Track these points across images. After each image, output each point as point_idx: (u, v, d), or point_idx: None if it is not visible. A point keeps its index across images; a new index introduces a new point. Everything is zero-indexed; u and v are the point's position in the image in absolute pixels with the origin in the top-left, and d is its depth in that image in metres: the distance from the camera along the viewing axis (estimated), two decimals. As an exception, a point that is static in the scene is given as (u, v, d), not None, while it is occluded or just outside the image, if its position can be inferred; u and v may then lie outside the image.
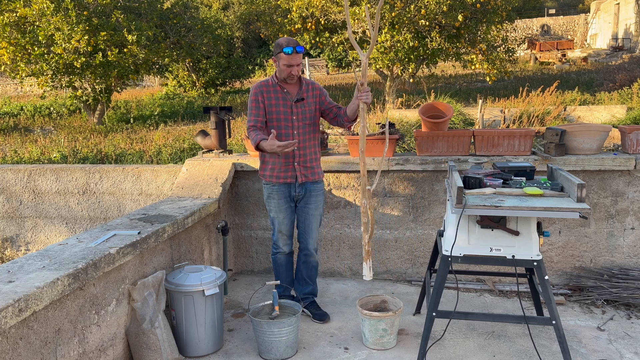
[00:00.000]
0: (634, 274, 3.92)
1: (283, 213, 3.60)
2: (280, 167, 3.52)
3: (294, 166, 3.51)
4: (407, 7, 13.50)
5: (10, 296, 2.10)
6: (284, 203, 3.59)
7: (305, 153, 3.53)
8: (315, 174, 3.59)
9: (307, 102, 3.51)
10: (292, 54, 3.32)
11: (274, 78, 3.51)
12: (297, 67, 3.39)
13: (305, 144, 3.53)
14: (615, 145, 5.73)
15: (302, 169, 3.53)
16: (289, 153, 3.47)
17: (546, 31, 35.00)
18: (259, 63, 31.90)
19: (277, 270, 3.77)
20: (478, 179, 2.99)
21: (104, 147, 9.12)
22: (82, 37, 12.37)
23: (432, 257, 3.57)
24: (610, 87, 16.88)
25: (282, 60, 3.36)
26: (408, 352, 3.19)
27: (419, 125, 8.29)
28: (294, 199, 3.62)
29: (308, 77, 16.49)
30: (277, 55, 3.38)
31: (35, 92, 23.21)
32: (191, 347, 3.22)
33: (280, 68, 3.40)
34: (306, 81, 3.56)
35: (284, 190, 3.56)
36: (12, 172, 5.24)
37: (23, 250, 5.37)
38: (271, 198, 3.60)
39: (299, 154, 3.51)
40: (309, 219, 3.62)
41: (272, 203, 3.61)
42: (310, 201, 3.60)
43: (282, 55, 3.34)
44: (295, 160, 3.51)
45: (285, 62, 3.35)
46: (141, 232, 3.07)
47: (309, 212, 3.61)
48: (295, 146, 3.21)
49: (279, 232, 3.66)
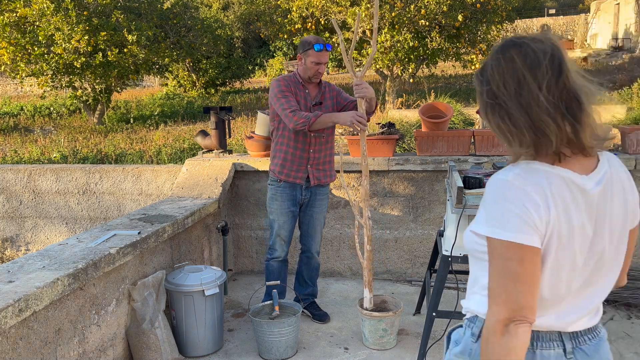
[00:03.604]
0: (634, 274, 3.92)
1: (285, 217, 3.50)
2: (292, 166, 3.42)
3: (307, 168, 3.44)
4: (407, 7, 13.50)
5: (10, 296, 2.10)
6: (288, 207, 3.48)
7: (320, 156, 3.47)
8: (327, 177, 3.53)
9: (325, 105, 3.46)
10: (322, 51, 3.27)
11: (296, 76, 3.43)
12: (324, 66, 3.35)
13: (321, 147, 3.46)
14: (616, 145, 5.73)
15: (315, 171, 3.46)
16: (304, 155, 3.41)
17: (546, 31, 34.96)
18: (259, 63, 31.89)
19: (269, 278, 3.62)
20: (478, 179, 2.99)
21: (104, 147, 9.12)
22: (82, 37, 12.36)
23: (432, 257, 3.57)
24: (611, 87, 16.89)
25: (310, 57, 3.30)
26: (408, 352, 3.19)
27: (419, 125, 8.29)
28: (299, 203, 3.53)
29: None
30: (305, 52, 3.31)
31: (35, 92, 23.20)
32: (191, 347, 3.22)
33: (306, 66, 3.33)
34: (324, 83, 3.51)
35: (289, 192, 3.46)
36: (12, 172, 5.24)
37: (23, 250, 5.37)
38: (274, 199, 3.50)
39: (313, 157, 3.44)
40: (314, 222, 3.58)
41: (275, 205, 3.50)
42: (316, 204, 3.55)
43: (311, 52, 3.28)
44: (309, 163, 3.44)
45: (314, 60, 3.29)
46: (141, 232, 3.07)
47: (314, 215, 3.56)
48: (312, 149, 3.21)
49: (277, 236, 3.53)
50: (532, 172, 1.21)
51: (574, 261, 1.23)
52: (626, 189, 1.29)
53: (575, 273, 1.25)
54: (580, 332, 1.31)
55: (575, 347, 1.29)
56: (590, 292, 1.29)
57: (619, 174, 1.29)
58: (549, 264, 1.22)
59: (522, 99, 1.20)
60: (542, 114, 1.18)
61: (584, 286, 1.27)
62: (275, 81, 3.40)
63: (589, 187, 1.22)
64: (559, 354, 1.28)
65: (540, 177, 1.20)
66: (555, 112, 1.18)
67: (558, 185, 1.20)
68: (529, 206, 1.17)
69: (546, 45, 1.24)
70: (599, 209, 1.23)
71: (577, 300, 1.28)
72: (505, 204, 1.19)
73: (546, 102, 1.18)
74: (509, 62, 1.23)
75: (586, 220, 1.22)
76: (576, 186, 1.21)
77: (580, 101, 1.19)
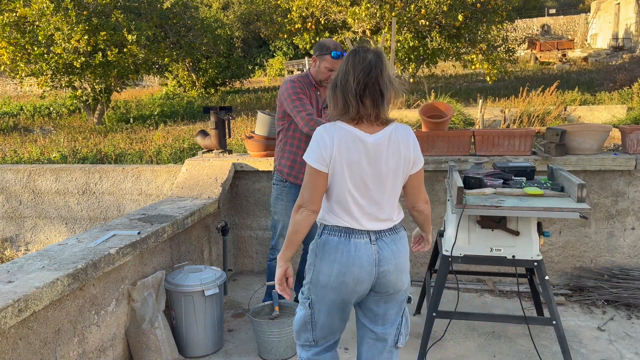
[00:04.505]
0: (635, 274, 3.92)
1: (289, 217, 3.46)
2: (301, 168, 3.34)
3: None
4: (407, 7, 13.50)
5: (10, 296, 2.10)
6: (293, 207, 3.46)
7: None
8: None
9: None
10: (339, 59, 3.23)
11: (309, 77, 3.38)
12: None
13: None
14: (616, 145, 5.72)
15: None
16: None
17: (546, 31, 34.99)
18: (259, 63, 31.89)
19: (270, 278, 3.53)
20: (478, 179, 2.99)
21: (103, 147, 9.12)
22: (81, 37, 12.36)
23: (432, 257, 3.57)
24: (611, 87, 16.87)
25: (325, 62, 3.25)
26: (408, 352, 3.19)
27: (419, 125, 8.28)
28: None
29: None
30: (321, 57, 3.26)
31: (35, 92, 23.20)
32: (191, 347, 3.22)
33: (319, 69, 3.29)
34: None
35: (294, 192, 3.38)
36: (11, 172, 5.24)
37: (23, 251, 5.36)
38: (280, 199, 3.45)
39: None
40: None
41: (280, 205, 3.45)
42: None
43: (327, 57, 3.24)
44: None
45: (329, 66, 3.25)
46: (141, 232, 3.06)
47: None
48: None
49: (281, 236, 3.48)
50: (332, 127, 2.02)
51: (354, 183, 2.01)
52: (401, 145, 2.03)
53: (358, 191, 2.02)
54: (382, 231, 2.08)
55: (378, 238, 2.07)
56: (376, 206, 2.05)
57: (397, 137, 2.03)
58: (335, 182, 2.03)
59: (342, 85, 1.98)
60: (350, 96, 1.97)
61: (369, 202, 2.04)
62: (290, 82, 3.32)
63: (368, 140, 1.99)
64: (367, 242, 2.05)
65: (335, 130, 2.00)
66: (357, 96, 1.96)
67: (345, 136, 1.99)
68: (322, 146, 2.00)
69: (371, 55, 1.98)
70: (375, 154, 2.00)
71: (366, 210, 2.04)
72: (314, 143, 2.03)
73: (354, 90, 1.95)
74: (345, 62, 2.01)
75: (363, 158, 1.99)
76: (359, 138, 1.99)
77: (382, 94, 1.97)
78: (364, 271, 2.03)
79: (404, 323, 2.23)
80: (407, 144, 2.05)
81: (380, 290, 2.10)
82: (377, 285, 2.09)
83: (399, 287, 2.12)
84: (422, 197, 2.17)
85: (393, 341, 2.21)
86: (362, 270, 2.03)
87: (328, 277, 2.06)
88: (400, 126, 2.06)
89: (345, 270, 2.03)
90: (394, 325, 2.20)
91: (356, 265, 2.03)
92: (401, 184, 2.10)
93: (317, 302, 2.14)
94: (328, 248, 2.06)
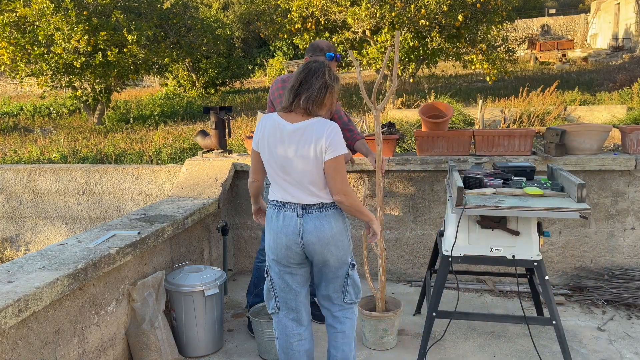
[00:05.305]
0: (635, 274, 3.92)
1: None
2: None
3: None
4: (407, 7, 13.50)
5: (10, 296, 2.10)
6: None
7: None
8: None
9: None
10: (332, 61, 3.24)
11: None
12: None
13: None
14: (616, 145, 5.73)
15: None
16: None
17: (546, 31, 34.99)
18: (259, 63, 31.88)
19: (259, 281, 3.49)
20: (478, 179, 2.99)
21: (103, 147, 9.12)
22: (82, 37, 12.36)
23: (432, 257, 3.57)
24: (611, 87, 16.88)
25: None
26: (408, 352, 3.19)
27: (419, 125, 8.29)
28: None
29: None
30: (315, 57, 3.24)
31: (35, 92, 23.20)
32: (191, 347, 3.22)
33: None
34: None
35: None
36: (12, 172, 5.24)
37: (23, 250, 5.36)
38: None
39: None
40: None
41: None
42: None
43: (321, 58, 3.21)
44: None
45: None
46: (141, 232, 3.06)
47: None
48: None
49: None
50: (266, 116, 2.45)
51: (275, 163, 2.39)
52: (316, 135, 2.32)
53: (281, 170, 2.38)
54: (309, 207, 2.40)
55: (304, 213, 2.40)
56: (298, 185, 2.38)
57: (313, 127, 2.33)
58: (265, 161, 2.45)
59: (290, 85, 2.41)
60: (290, 91, 2.40)
61: (292, 180, 2.38)
62: (281, 81, 3.35)
63: (287, 127, 2.36)
64: (294, 215, 2.41)
65: (267, 119, 2.43)
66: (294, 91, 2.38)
67: (270, 123, 2.41)
68: (256, 131, 2.46)
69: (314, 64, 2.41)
70: (290, 140, 2.35)
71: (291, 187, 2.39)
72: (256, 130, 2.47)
73: (294, 88, 2.38)
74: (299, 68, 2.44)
75: (279, 142, 2.37)
76: (279, 125, 2.38)
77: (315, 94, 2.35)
78: (289, 239, 2.42)
79: (350, 283, 2.56)
80: (322, 134, 2.32)
81: (313, 259, 2.49)
82: (307, 253, 2.46)
83: (327, 258, 2.45)
84: (338, 187, 2.37)
85: (341, 298, 2.57)
86: (288, 238, 2.42)
87: (268, 242, 2.51)
88: (323, 121, 2.36)
89: (276, 237, 2.45)
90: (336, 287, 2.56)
91: (283, 233, 2.43)
92: (321, 168, 2.36)
93: (271, 268, 2.57)
94: (267, 218, 2.52)
